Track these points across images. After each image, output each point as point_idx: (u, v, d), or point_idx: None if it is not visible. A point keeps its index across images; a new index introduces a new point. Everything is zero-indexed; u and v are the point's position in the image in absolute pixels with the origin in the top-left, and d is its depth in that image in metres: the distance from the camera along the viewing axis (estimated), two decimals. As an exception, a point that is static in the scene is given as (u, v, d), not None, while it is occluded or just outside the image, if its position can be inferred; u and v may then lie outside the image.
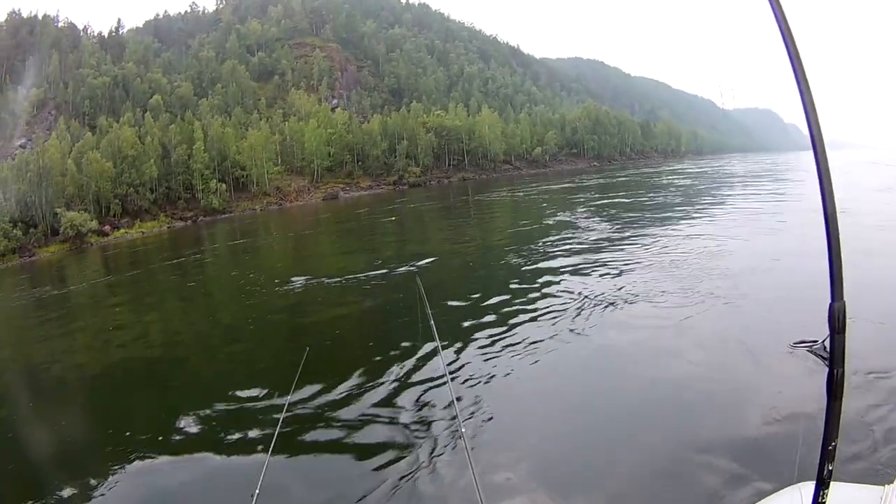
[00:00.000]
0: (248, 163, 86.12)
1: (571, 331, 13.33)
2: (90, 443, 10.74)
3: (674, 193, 52.94)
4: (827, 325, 1.94)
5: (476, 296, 17.69)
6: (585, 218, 35.10)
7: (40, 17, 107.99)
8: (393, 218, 53.28)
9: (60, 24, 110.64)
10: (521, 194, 65.32)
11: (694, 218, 31.75)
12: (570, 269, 19.82)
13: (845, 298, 1.89)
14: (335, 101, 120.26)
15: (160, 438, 10.40)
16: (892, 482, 2.67)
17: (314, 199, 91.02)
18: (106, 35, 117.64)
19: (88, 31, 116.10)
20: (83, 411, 12.69)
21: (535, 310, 15.19)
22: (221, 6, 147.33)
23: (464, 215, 51.02)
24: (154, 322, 21.26)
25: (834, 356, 1.92)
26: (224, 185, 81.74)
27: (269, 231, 56.14)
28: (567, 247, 24.43)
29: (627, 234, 26.92)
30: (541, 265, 21.18)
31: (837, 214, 1.89)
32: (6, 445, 11.01)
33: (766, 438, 8.30)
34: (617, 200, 47.79)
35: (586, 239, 26.04)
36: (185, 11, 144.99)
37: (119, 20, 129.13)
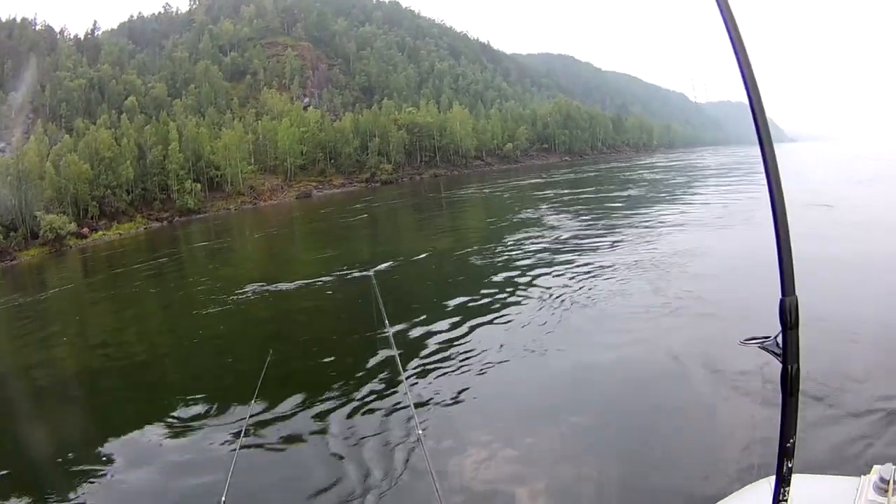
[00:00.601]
0: (222, 162, 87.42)
1: (528, 335, 13.85)
2: (42, 456, 10.97)
3: (642, 189, 54.60)
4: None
5: (435, 300, 18.37)
6: (551, 216, 36.46)
7: (18, 20, 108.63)
8: (364, 216, 54.58)
9: (38, 28, 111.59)
10: (490, 191, 67.06)
11: (661, 215, 32.81)
12: (529, 271, 20.32)
13: (797, 293, 1.88)
14: (307, 100, 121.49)
15: (111, 453, 10.64)
16: (867, 472, 2.69)
17: (288, 197, 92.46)
18: (82, 37, 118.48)
19: (65, 34, 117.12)
20: (38, 423, 12.84)
21: (493, 313, 15.84)
22: (194, 6, 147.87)
23: (432, 215, 52.30)
24: (118, 330, 21.70)
25: (787, 353, 1.89)
26: (199, 186, 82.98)
27: (242, 232, 57.53)
28: (529, 248, 25.21)
29: (592, 232, 27.75)
30: (501, 267, 21.89)
31: (786, 209, 1.89)
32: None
33: (724, 437, 8.84)
34: (583, 196, 49.12)
35: (549, 239, 26.91)
36: (159, 12, 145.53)
37: (95, 22, 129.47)
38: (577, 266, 20.50)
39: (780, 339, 1.89)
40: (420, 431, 7.87)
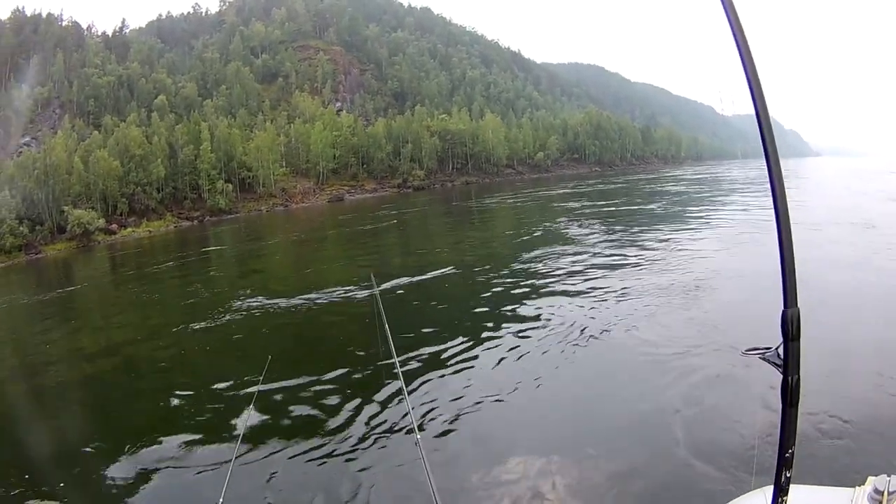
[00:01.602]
0: (254, 164, 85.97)
1: (539, 348, 13.25)
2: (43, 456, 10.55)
3: (670, 201, 53.51)
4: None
5: (449, 320, 17.23)
6: (577, 228, 35.05)
7: (44, 15, 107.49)
8: (394, 221, 53.52)
9: (64, 23, 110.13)
10: (521, 200, 66.06)
11: (688, 229, 31.79)
12: (549, 289, 19.45)
13: (799, 305, 1.90)
14: (339, 104, 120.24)
15: (119, 448, 10.30)
16: (863, 483, 2.62)
17: (320, 201, 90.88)
18: (110, 34, 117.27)
19: (92, 31, 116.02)
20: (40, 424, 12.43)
21: (506, 329, 14.98)
22: (224, 8, 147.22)
23: (460, 225, 50.81)
24: (125, 330, 20.97)
25: (788, 363, 1.92)
26: (230, 186, 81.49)
27: (272, 235, 55.78)
28: (554, 265, 23.85)
29: (618, 248, 26.64)
30: (521, 285, 20.65)
31: (790, 220, 1.90)
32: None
33: (723, 446, 8.43)
34: (612, 209, 47.83)
35: (575, 255, 25.66)
36: (188, 12, 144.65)
37: (123, 20, 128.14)
38: (604, 283, 19.48)
39: (780, 351, 1.97)
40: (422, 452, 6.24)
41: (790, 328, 1.94)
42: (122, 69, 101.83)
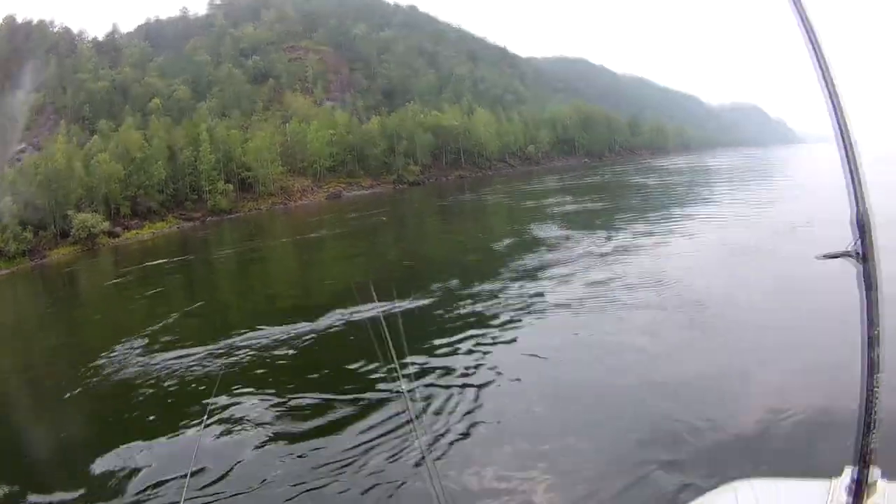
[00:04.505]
0: (253, 164, 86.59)
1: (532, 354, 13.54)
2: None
3: (658, 193, 55.68)
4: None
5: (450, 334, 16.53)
6: (566, 226, 35.18)
7: (35, 22, 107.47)
8: (384, 218, 54.40)
9: (56, 30, 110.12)
10: (512, 192, 68.04)
11: (678, 221, 32.62)
12: (542, 286, 19.64)
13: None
14: (330, 103, 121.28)
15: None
16: (839, 475, 2.53)
17: (318, 198, 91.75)
18: (101, 39, 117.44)
19: (84, 37, 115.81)
20: None
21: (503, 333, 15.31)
22: (213, 11, 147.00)
23: (453, 220, 52.30)
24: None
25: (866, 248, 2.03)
26: (230, 186, 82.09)
27: (273, 234, 56.43)
28: (543, 260, 24.22)
29: (610, 244, 26.54)
30: (514, 285, 20.59)
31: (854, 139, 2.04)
32: None
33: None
34: (601, 206, 47.48)
35: (567, 252, 25.59)
36: (177, 16, 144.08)
37: (114, 25, 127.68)
38: (599, 288, 19.32)
39: (856, 246, 2.03)
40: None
41: (865, 220, 2.08)
42: (115, 74, 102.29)
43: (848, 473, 2.41)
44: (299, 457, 10.39)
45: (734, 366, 11.90)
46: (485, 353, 14.47)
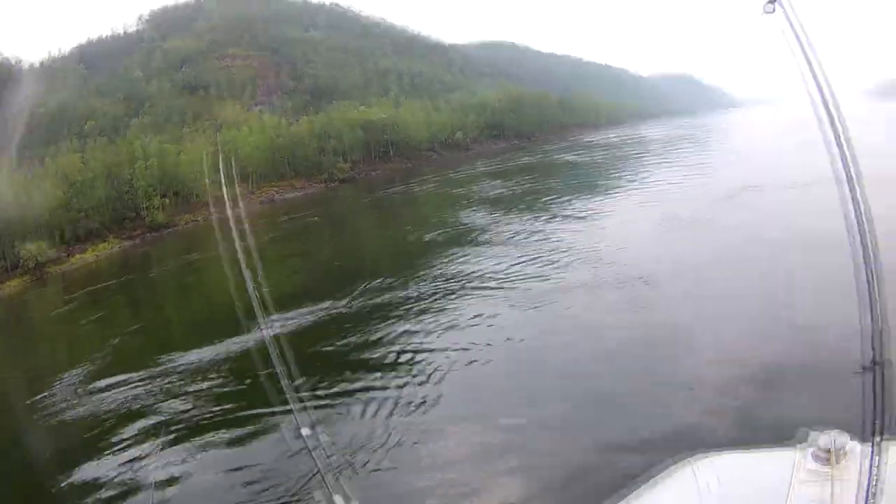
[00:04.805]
0: (187, 176, 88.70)
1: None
2: None
3: (588, 168, 57.62)
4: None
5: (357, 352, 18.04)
6: (494, 210, 36.91)
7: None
8: (315, 219, 56.85)
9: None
10: (440, 182, 70.41)
11: (610, 195, 33.93)
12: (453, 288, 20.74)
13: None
14: (259, 108, 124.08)
15: None
16: (805, 440, 2.61)
17: (253, 204, 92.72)
18: (37, 65, 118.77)
19: (20, 64, 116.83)
20: None
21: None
22: (143, 26, 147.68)
23: (382, 214, 54.83)
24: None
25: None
26: (167, 201, 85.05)
27: (208, 247, 53.45)
28: (471, 248, 25.82)
29: (538, 225, 28.27)
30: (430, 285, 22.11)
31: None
32: None
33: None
34: (529, 186, 49.39)
35: (495, 237, 27.24)
36: (109, 35, 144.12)
37: (49, 52, 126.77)
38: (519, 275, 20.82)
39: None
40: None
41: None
42: (52, 98, 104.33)
43: (815, 439, 2.53)
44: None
45: (674, 337, 13.35)
46: (415, 352, 15.95)
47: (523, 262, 20.84)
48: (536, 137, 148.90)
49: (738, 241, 18.89)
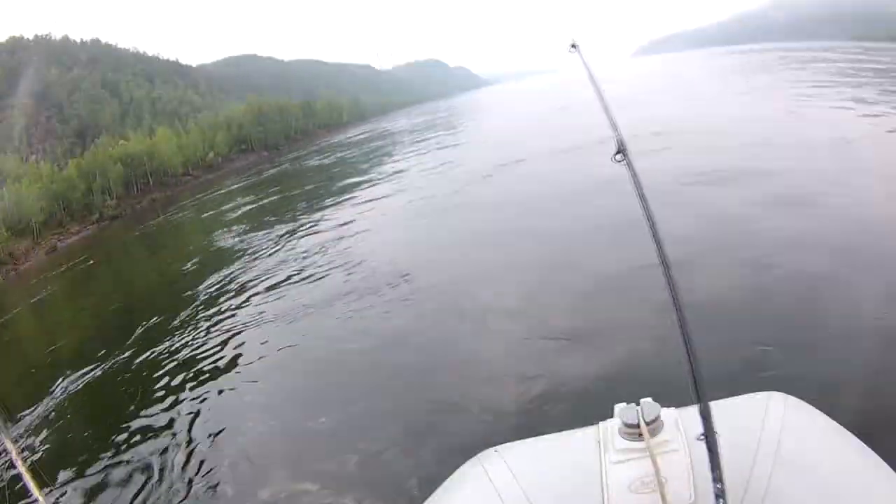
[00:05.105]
0: None
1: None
2: None
3: (337, 170, 57.52)
4: None
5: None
6: (248, 227, 36.21)
7: None
8: (91, 262, 51.60)
9: None
10: (195, 207, 63.22)
11: (363, 193, 34.68)
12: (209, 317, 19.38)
13: None
14: (34, 157, 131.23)
15: None
16: (611, 416, 2.36)
17: (39, 256, 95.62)
18: None
19: None
20: None
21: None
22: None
23: (148, 249, 52.62)
24: None
25: None
26: None
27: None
28: (231, 271, 24.86)
29: (294, 236, 27.89)
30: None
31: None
32: None
33: None
34: (280, 197, 50.18)
35: (252, 255, 26.76)
36: None
37: None
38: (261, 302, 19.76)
39: None
40: None
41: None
42: None
43: (622, 413, 2.24)
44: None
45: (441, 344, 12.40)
46: (190, 400, 13.79)
47: (278, 277, 20.31)
48: (282, 146, 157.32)
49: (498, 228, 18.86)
